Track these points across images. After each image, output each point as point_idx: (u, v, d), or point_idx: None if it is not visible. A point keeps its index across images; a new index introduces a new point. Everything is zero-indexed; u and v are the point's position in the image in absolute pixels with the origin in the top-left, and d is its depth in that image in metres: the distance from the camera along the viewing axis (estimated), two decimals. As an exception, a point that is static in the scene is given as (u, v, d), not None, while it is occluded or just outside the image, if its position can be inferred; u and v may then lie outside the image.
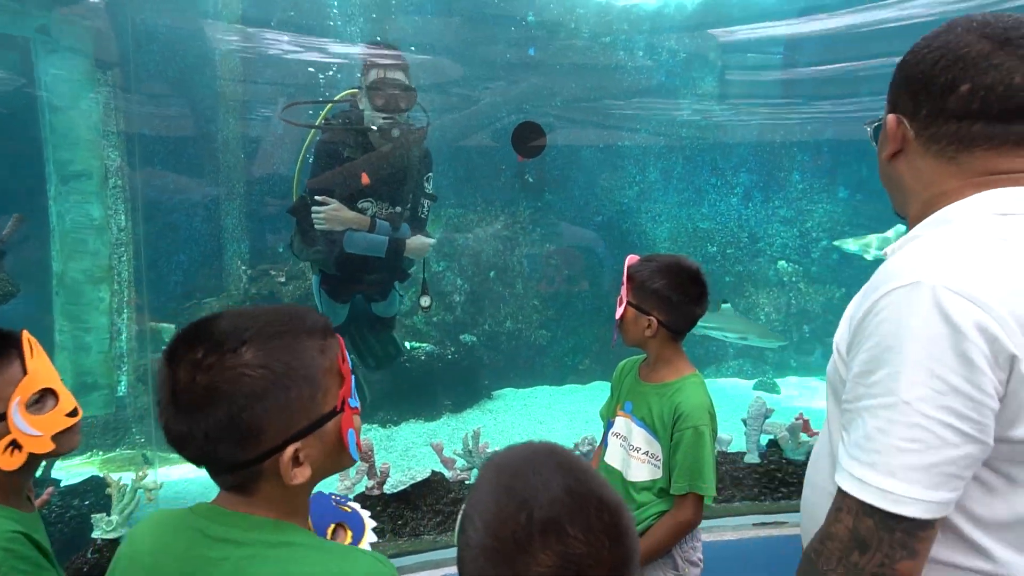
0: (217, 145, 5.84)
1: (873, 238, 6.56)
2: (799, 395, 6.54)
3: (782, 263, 7.46)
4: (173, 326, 5.27)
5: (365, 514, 1.30)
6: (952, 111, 0.92)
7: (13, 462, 1.07)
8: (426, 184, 3.09)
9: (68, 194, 4.92)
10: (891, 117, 0.99)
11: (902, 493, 0.81)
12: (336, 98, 3.03)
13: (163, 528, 0.84)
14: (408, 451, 5.01)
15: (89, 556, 2.12)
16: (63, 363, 4.98)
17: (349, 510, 1.29)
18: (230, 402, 0.75)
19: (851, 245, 6.65)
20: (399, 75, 2.78)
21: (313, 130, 2.98)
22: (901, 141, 0.99)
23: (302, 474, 0.81)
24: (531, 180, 6.96)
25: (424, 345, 5.97)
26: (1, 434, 1.08)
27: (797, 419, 2.99)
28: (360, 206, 2.91)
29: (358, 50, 6.24)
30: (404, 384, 5.60)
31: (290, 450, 0.80)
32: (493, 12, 6.80)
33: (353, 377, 0.88)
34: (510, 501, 0.69)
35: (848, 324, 0.95)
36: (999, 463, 0.85)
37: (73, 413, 1.16)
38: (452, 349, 5.96)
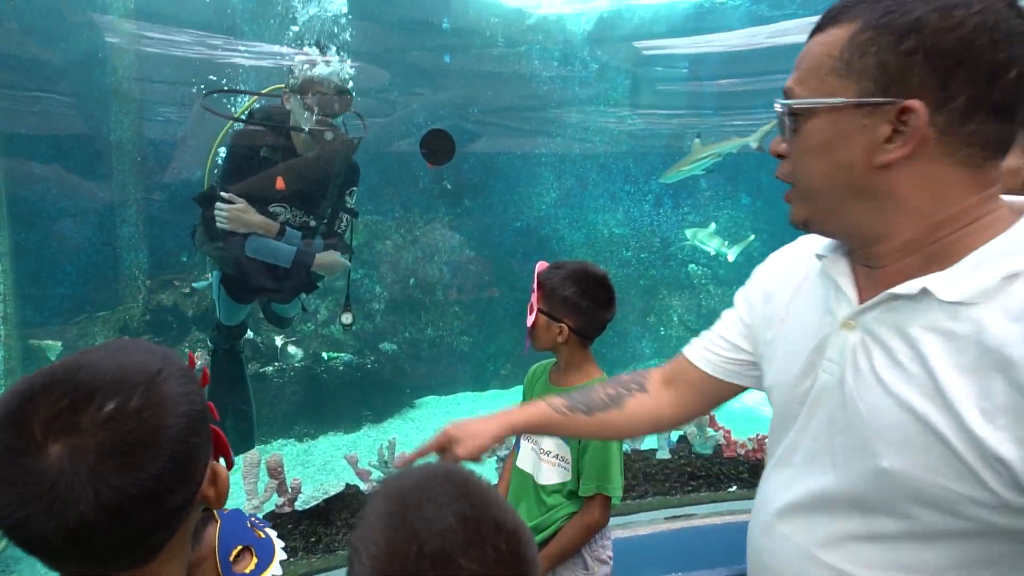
0: (110, 147, 5.44)
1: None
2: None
3: (692, 266, 7.82)
4: (60, 344, 4.84)
5: (279, 544, 1.24)
6: (997, 103, 0.72)
7: None
8: (348, 198, 2.93)
9: None
10: (911, 106, 0.73)
11: None
12: (264, 91, 2.84)
13: None
14: (327, 465, 4.85)
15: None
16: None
17: (263, 536, 1.23)
18: (177, 434, 0.67)
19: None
20: (335, 78, 2.65)
21: (239, 113, 2.79)
22: (913, 142, 0.74)
23: (226, 489, 0.78)
24: (449, 187, 6.95)
25: (342, 355, 5.80)
26: None
27: (704, 415, 3.14)
28: (271, 210, 2.75)
29: (271, 51, 6.01)
30: (322, 396, 5.42)
31: (219, 468, 0.76)
32: (407, 17, 6.74)
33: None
34: (398, 534, 0.65)
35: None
36: None
37: None
38: (372, 358, 5.83)
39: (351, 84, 2.75)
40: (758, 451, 2.59)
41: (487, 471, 4.31)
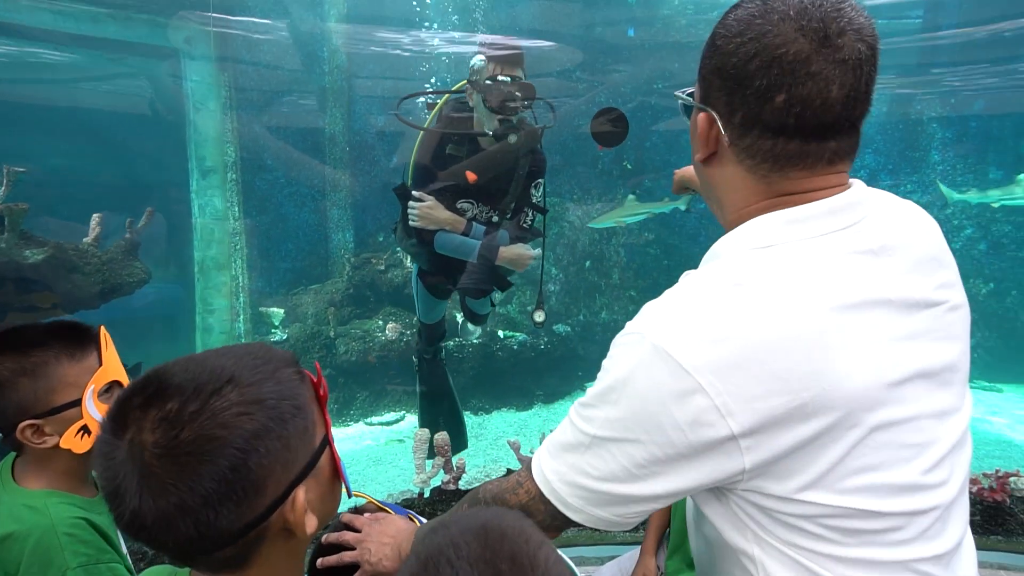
0: (325, 139, 6.14)
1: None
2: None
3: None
4: (282, 311, 5.64)
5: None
6: (767, 123, 0.79)
7: (82, 446, 1.15)
8: (534, 190, 2.80)
9: (205, 188, 5.41)
10: (703, 117, 0.85)
11: None
12: (453, 88, 2.90)
13: None
14: (498, 440, 5.04)
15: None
16: (199, 343, 5.51)
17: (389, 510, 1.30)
18: (231, 450, 0.63)
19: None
20: (517, 72, 2.53)
21: (430, 118, 2.88)
22: (715, 145, 0.86)
23: (311, 523, 0.71)
24: (630, 167, 6.71)
25: (517, 334, 5.97)
26: (72, 419, 1.15)
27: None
28: (459, 206, 2.76)
29: (462, 39, 6.29)
30: (496, 373, 5.64)
31: (299, 495, 0.70)
32: (590, -7, 6.59)
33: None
34: None
35: None
36: None
37: None
38: (545, 339, 5.91)
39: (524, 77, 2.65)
40: (997, 492, 2.09)
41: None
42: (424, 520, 1.31)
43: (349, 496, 0.82)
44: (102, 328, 1.24)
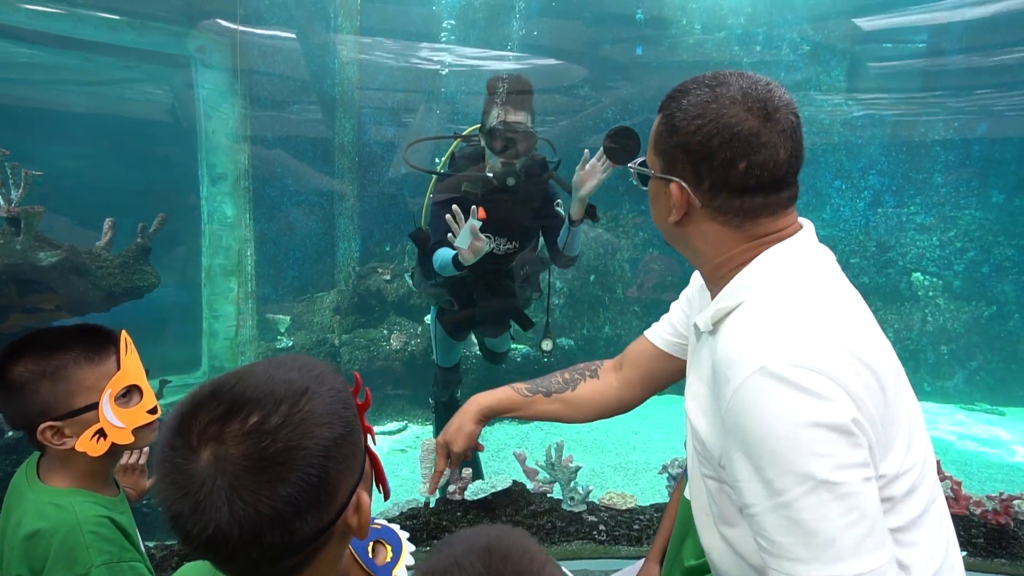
0: (334, 148, 6.20)
1: None
2: (935, 426, 5.85)
3: (917, 275, 6.70)
4: (288, 318, 5.66)
5: (395, 527, 1.28)
6: (734, 186, 0.97)
7: (98, 449, 1.17)
8: (558, 209, 2.91)
9: (215, 195, 5.46)
10: (675, 186, 1.01)
11: None
12: (464, 133, 3.00)
13: None
14: (499, 452, 5.04)
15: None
16: (204, 347, 5.52)
17: (379, 526, 1.28)
18: (317, 459, 0.65)
19: None
20: (521, 116, 2.66)
21: (443, 160, 2.96)
22: (687, 207, 1.02)
23: (367, 520, 0.74)
24: (635, 183, 6.76)
25: (520, 347, 5.98)
26: (91, 422, 1.17)
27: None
28: None
29: (471, 54, 6.37)
30: (499, 385, 5.63)
31: (364, 497, 0.73)
32: (599, 11, 6.67)
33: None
34: None
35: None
36: None
37: (153, 411, 1.24)
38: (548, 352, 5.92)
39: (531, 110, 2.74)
40: (1001, 514, 2.10)
41: (658, 488, 4.11)
42: (406, 534, 1.30)
43: (386, 498, 0.83)
44: (123, 332, 1.26)
